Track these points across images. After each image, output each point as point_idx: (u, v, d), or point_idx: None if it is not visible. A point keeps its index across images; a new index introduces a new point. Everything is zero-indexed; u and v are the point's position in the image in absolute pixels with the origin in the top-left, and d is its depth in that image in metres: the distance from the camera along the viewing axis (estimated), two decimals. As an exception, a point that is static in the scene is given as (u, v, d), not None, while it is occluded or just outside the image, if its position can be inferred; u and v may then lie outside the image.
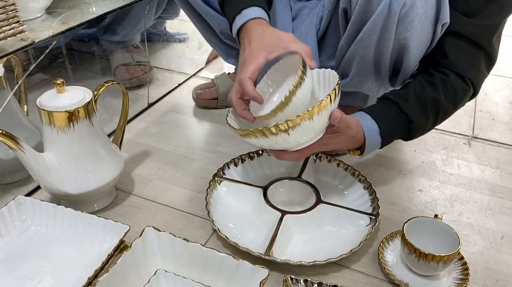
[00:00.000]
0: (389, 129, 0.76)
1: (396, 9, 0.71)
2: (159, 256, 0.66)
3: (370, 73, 0.84)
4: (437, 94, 0.76)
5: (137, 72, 1.21)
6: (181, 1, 1.01)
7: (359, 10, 0.76)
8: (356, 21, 0.78)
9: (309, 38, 0.89)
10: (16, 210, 0.73)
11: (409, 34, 0.75)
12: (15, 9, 0.71)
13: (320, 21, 0.87)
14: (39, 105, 0.71)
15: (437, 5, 0.73)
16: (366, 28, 0.76)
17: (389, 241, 0.74)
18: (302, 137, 0.64)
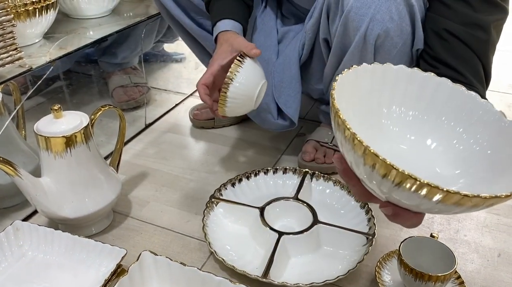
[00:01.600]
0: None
1: (371, 41, 0.73)
2: (156, 280, 0.66)
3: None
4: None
5: (135, 94, 1.22)
6: (175, 24, 1.03)
7: (337, 42, 0.78)
8: (336, 51, 0.80)
9: (292, 62, 0.91)
10: (13, 235, 0.73)
11: (389, 63, 0.76)
12: (12, 36, 0.72)
13: (303, 47, 0.89)
14: (36, 131, 0.72)
15: (412, 33, 0.74)
16: (345, 59, 0.78)
17: (386, 261, 0.74)
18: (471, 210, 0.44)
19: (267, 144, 1.09)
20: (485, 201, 0.41)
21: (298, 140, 1.09)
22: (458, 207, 0.42)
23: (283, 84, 0.91)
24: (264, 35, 0.94)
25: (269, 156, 1.05)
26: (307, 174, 0.89)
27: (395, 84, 0.56)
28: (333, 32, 0.78)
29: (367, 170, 0.42)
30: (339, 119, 0.43)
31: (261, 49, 0.90)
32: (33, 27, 0.86)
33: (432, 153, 0.55)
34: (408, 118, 0.56)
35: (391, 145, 0.56)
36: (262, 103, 0.94)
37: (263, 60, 0.93)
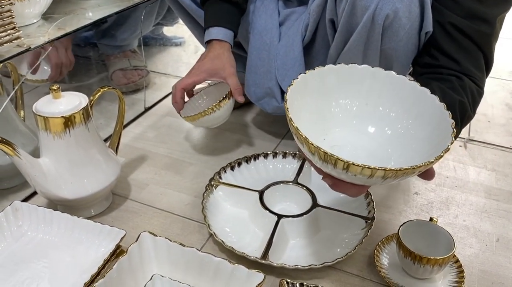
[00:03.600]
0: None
1: (379, 21, 0.72)
2: (155, 261, 0.66)
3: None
4: (461, 97, 0.70)
5: (134, 77, 1.21)
6: (175, 5, 1.02)
7: (344, 22, 0.77)
8: (342, 32, 0.79)
9: (295, 44, 0.90)
10: (12, 216, 0.73)
11: (395, 44, 0.75)
12: (10, 15, 0.71)
13: (306, 28, 0.88)
14: (35, 111, 0.71)
15: (421, 15, 0.74)
16: (352, 40, 0.77)
17: (385, 245, 0.74)
18: (388, 182, 0.54)
19: (267, 128, 1.09)
20: (391, 172, 0.51)
21: (298, 125, 1.08)
22: (370, 178, 0.52)
23: (286, 67, 0.91)
24: (265, 18, 0.93)
25: (269, 141, 1.04)
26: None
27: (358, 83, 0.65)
28: (340, 12, 0.77)
29: (308, 153, 0.54)
30: (288, 116, 0.55)
31: (262, 33, 0.91)
32: (32, 6, 0.85)
33: (384, 137, 0.66)
34: (365, 111, 0.67)
35: (355, 136, 0.67)
36: (265, 88, 0.93)
37: (265, 44, 0.92)
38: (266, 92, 0.94)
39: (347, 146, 0.65)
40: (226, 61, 0.87)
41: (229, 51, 0.89)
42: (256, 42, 0.93)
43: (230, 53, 0.89)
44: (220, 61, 0.86)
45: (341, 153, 0.52)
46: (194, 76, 0.87)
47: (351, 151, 0.62)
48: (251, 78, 0.96)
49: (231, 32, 0.88)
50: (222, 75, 0.87)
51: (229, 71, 0.87)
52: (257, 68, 0.94)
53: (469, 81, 0.74)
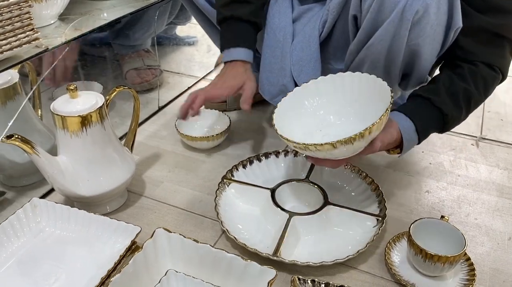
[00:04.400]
0: (425, 125, 0.77)
1: (409, 17, 0.72)
2: (170, 257, 0.67)
3: (378, 76, 0.85)
4: (467, 84, 0.76)
5: (148, 76, 1.23)
6: (189, 5, 1.03)
7: (370, 18, 0.77)
8: (367, 28, 0.79)
9: (312, 40, 0.90)
10: (31, 212, 0.75)
11: (421, 40, 0.76)
12: (29, 17, 0.73)
13: (323, 25, 0.89)
14: (52, 110, 0.73)
15: (449, 11, 0.74)
16: (377, 35, 0.77)
17: (396, 242, 0.75)
18: (349, 152, 0.68)
19: (279, 126, 1.10)
20: (334, 144, 0.64)
21: (310, 124, 1.09)
22: (329, 151, 0.66)
23: (302, 63, 0.92)
24: (278, 17, 0.94)
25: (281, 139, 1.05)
26: (319, 157, 0.90)
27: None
28: (366, 8, 0.77)
29: (289, 145, 0.70)
30: (273, 123, 0.73)
31: (276, 30, 0.92)
32: (49, 8, 0.87)
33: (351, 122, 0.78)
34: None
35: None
36: (279, 85, 0.94)
37: (278, 41, 0.93)
38: (281, 90, 0.94)
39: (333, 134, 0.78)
40: (248, 77, 0.90)
41: (251, 70, 0.92)
42: (270, 41, 0.94)
43: (251, 71, 0.92)
44: (242, 78, 0.90)
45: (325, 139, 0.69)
46: (221, 90, 0.89)
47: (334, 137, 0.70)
48: (265, 76, 0.97)
49: (250, 51, 0.91)
50: (244, 87, 0.90)
51: (249, 85, 0.90)
52: (271, 66, 0.95)
53: (484, 67, 0.78)
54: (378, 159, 0.97)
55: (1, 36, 0.70)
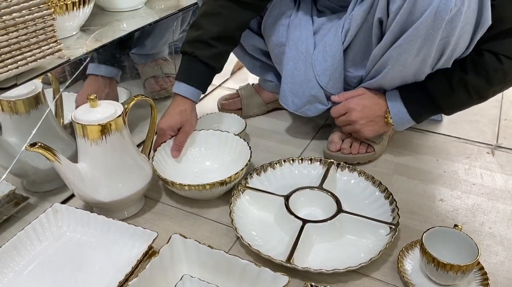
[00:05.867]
0: (410, 94, 0.89)
1: (444, 16, 0.72)
2: (185, 262, 0.69)
3: (406, 76, 0.86)
4: (463, 74, 0.84)
5: (166, 84, 1.26)
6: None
7: (399, 20, 0.77)
8: (395, 30, 0.79)
9: (335, 50, 0.91)
10: (53, 217, 0.78)
11: (451, 38, 0.76)
12: (53, 29, 0.76)
13: (346, 33, 0.90)
14: (73, 119, 0.76)
15: (479, 9, 0.75)
16: (406, 36, 0.78)
17: (408, 250, 0.75)
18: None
19: (293, 134, 1.11)
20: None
21: (324, 131, 1.10)
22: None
23: (327, 72, 0.94)
24: (299, 30, 0.96)
25: (295, 146, 1.07)
26: (332, 164, 0.91)
27: None
28: (394, 11, 0.78)
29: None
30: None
31: (297, 43, 0.94)
32: (71, 20, 0.90)
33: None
34: None
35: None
36: (307, 96, 0.97)
37: (301, 53, 0.95)
38: (308, 100, 0.97)
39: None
40: (190, 118, 0.94)
41: (194, 109, 0.95)
42: (291, 53, 0.96)
43: (194, 111, 0.95)
44: (186, 118, 0.93)
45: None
46: (168, 121, 0.92)
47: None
48: (288, 88, 0.98)
49: (200, 92, 0.95)
50: (185, 129, 0.94)
51: (188, 129, 0.94)
52: (294, 78, 0.97)
53: (489, 55, 0.82)
54: (392, 166, 0.98)
55: (26, 48, 0.73)
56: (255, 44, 1.07)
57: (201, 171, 0.95)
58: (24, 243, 0.73)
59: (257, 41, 1.06)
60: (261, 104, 1.19)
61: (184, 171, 0.93)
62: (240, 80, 1.40)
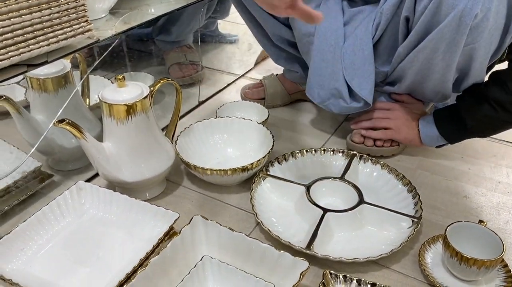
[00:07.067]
0: (441, 112, 0.89)
1: (467, 21, 0.71)
2: (206, 243, 0.70)
3: (430, 79, 0.85)
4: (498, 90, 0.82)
5: (190, 71, 1.27)
6: (237, 3, 1.05)
7: (424, 20, 0.76)
8: (419, 30, 0.78)
9: (364, 44, 0.90)
10: (77, 194, 0.79)
11: (478, 44, 0.75)
12: (84, 9, 0.77)
13: (376, 27, 0.88)
14: (101, 98, 0.77)
15: (508, 15, 0.73)
16: (430, 38, 0.76)
17: (430, 244, 0.74)
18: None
19: (316, 125, 1.11)
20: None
21: (347, 124, 1.09)
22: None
23: (355, 66, 0.91)
24: (329, 20, 0.94)
25: (317, 138, 1.06)
26: (355, 156, 0.90)
27: None
28: (420, 10, 0.77)
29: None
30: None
31: (326, 34, 0.93)
32: (101, 2, 0.91)
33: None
34: None
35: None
36: (331, 89, 0.95)
37: (330, 45, 0.93)
38: (332, 93, 0.95)
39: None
40: None
41: None
42: (320, 45, 0.94)
43: None
44: None
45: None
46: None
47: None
48: (314, 80, 0.97)
49: None
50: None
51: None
52: (321, 70, 0.95)
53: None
54: (416, 162, 0.96)
55: (58, 26, 0.74)
56: (281, 35, 1.06)
57: (223, 158, 0.95)
58: (48, 217, 0.75)
59: (284, 31, 1.05)
60: (284, 95, 1.18)
61: (206, 157, 0.94)
62: (263, 70, 1.40)
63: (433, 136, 0.92)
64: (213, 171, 0.83)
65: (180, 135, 0.93)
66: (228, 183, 0.88)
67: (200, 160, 0.90)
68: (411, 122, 0.94)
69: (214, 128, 0.98)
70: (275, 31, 1.06)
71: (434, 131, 0.91)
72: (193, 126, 0.96)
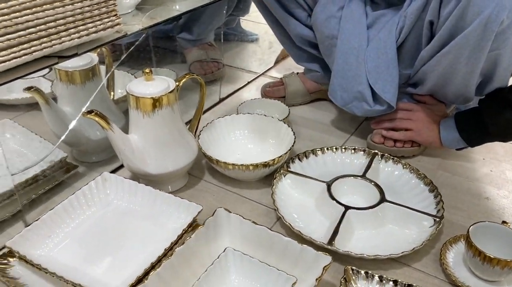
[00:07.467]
0: (462, 115, 0.89)
1: (494, 28, 0.71)
2: (228, 235, 0.71)
3: (453, 83, 0.85)
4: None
5: (211, 68, 1.28)
6: (259, 4, 1.06)
7: (449, 24, 0.76)
8: (444, 34, 0.78)
9: (388, 47, 0.90)
10: (102, 185, 0.80)
11: (503, 50, 0.75)
12: (114, 3, 0.78)
13: (400, 31, 0.89)
14: (128, 91, 0.78)
15: None
16: (455, 43, 0.76)
17: (452, 244, 0.74)
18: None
19: (336, 124, 1.11)
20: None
21: (367, 123, 1.09)
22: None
23: (378, 69, 0.91)
24: (352, 23, 0.94)
25: (337, 137, 1.06)
26: (376, 155, 0.90)
27: None
28: (445, 15, 0.77)
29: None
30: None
31: (350, 37, 0.93)
32: (129, -3, 0.93)
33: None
34: None
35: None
36: (354, 92, 0.95)
37: (353, 48, 0.93)
38: (355, 96, 0.95)
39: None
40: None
41: None
42: (343, 47, 0.94)
43: None
44: None
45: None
46: None
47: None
48: (337, 82, 0.97)
49: None
50: None
51: None
52: (344, 72, 0.95)
53: None
54: (437, 162, 0.96)
55: (89, 19, 0.75)
56: (303, 36, 1.07)
57: (244, 153, 0.96)
58: (74, 206, 0.76)
59: (306, 32, 1.06)
60: (305, 94, 1.19)
61: (227, 152, 0.95)
62: (283, 69, 1.40)
63: (454, 139, 0.91)
64: (235, 165, 0.84)
65: (202, 130, 0.94)
66: (249, 178, 0.89)
67: (221, 155, 0.91)
68: (432, 124, 0.94)
69: (236, 124, 0.99)
70: (297, 32, 1.06)
71: (455, 134, 0.90)
72: (215, 122, 0.97)
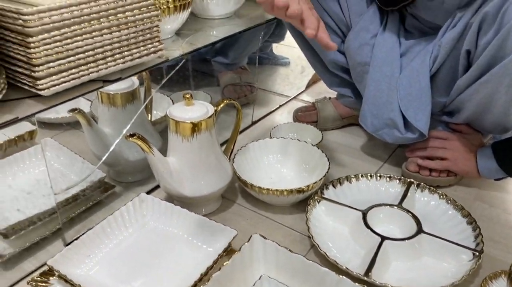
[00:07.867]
0: (500, 144, 0.87)
1: None
2: (264, 263, 0.70)
3: (491, 112, 0.85)
4: None
5: (244, 92, 1.30)
6: (293, 30, 1.08)
7: (487, 54, 0.76)
8: (482, 64, 0.78)
9: (421, 75, 0.90)
10: (139, 206, 0.82)
11: None
12: (157, 30, 0.81)
13: (434, 60, 0.89)
14: (168, 115, 0.80)
15: None
16: (494, 72, 0.76)
17: (492, 280, 0.72)
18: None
19: (369, 151, 1.11)
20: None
21: (400, 151, 1.08)
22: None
23: (411, 97, 0.91)
24: (385, 51, 0.95)
25: (371, 163, 1.06)
26: (412, 184, 0.89)
27: None
28: (483, 44, 0.77)
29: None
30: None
31: (382, 65, 0.93)
32: (170, 23, 0.95)
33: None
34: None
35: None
36: (385, 119, 0.95)
37: (385, 75, 0.94)
38: (386, 123, 0.95)
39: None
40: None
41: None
42: (375, 74, 0.95)
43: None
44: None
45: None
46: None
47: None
48: (368, 109, 0.98)
49: None
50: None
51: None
52: (376, 99, 0.96)
53: None
54: (474, 192, 0.94)
55: (133, 45, 0.78)
56: (337, 61, 1.08)
57: (277, 178, 0.97)
58: (112, 227, 0.78)
59: (340, 58, 1.06)
60: (337, 119, 1.19)
61: (260, 176, 0.95)
62: (315, 93, 1.41)
63: (492, 169, 0.90)
64: (269, 190, 0.84)
65: (237, 154, 0.95)
66: (283, 203, 0.89)
67: (254, 179, 0.91)
68: (468, 154, 0.92)
69: (269, 148, 1.00)
70: (330, 58, 1.07)
71: (492, 164, 0.89)
72: (249, 146, 0.98)
